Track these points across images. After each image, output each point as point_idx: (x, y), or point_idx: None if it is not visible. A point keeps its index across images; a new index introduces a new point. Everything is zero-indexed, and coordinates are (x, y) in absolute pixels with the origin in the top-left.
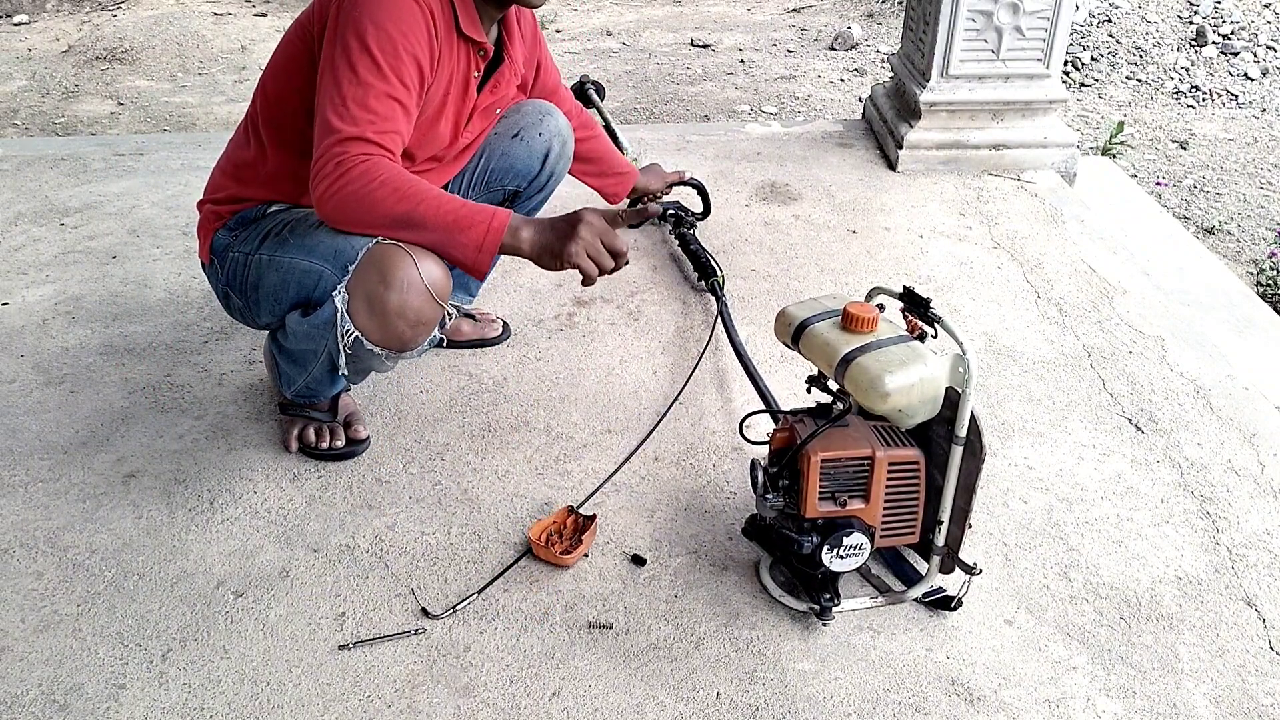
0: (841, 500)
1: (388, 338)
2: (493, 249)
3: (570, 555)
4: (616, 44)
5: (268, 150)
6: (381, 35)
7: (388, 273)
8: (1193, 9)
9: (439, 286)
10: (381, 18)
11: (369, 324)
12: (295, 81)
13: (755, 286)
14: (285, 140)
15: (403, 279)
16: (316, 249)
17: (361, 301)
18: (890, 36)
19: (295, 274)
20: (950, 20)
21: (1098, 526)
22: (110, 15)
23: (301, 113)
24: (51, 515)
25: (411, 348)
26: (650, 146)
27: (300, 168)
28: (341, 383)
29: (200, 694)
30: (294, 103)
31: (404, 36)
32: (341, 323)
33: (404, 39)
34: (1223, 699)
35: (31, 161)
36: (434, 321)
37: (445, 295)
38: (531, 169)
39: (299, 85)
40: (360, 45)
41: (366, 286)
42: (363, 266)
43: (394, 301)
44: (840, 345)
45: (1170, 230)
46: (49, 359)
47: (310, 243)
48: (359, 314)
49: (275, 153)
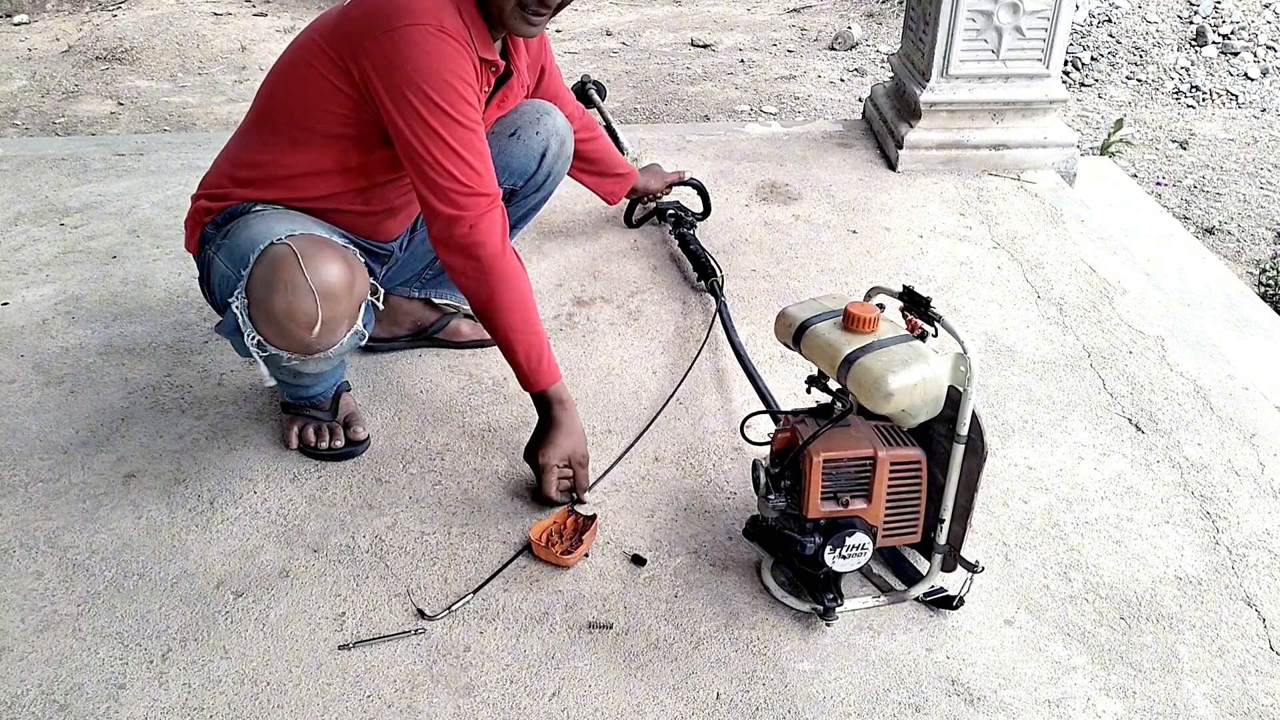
0: (844, 500)
1: (288, 342)
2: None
3: (571, 555)
4: (616, 44)
5: (274, 151)
6: (450, 91)
7: (271, 276)
8: (1193, 9)
9: (332, 284)
10: (444, 75)
11: (267, 329)
12: (317, 99)
13: (755, 286)
14: (296, 141)
15: (286, 281)
16: (235, 251)
17: (255, 306)
18: (890, 36)
19: (218, 276)
20: (950, 20)
21: (1098, 526)
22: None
23: (319, 122)
24: (51, 515)
25: (318, 349)
26: (650, 146)
27: (306, 167)
28: (332, 382)
29: (200, 694)
30: (313, 115)
31: (462, 81)
32: (245, 328)
33: (465, 84)
34: (1223, 699)
35: (31, 161)
36: (335, 321)
37: (345, 291)
38: (528, 168)
39: (320, 101)
40: (439, 109)
41: (255, 291)
42: (253, 270)
43: (280, 305)
44: (842, 346)
45: (1170, 230)
46: (49, 359)
47: (233, 244)
48: (258, 319)
49: (286, 153)
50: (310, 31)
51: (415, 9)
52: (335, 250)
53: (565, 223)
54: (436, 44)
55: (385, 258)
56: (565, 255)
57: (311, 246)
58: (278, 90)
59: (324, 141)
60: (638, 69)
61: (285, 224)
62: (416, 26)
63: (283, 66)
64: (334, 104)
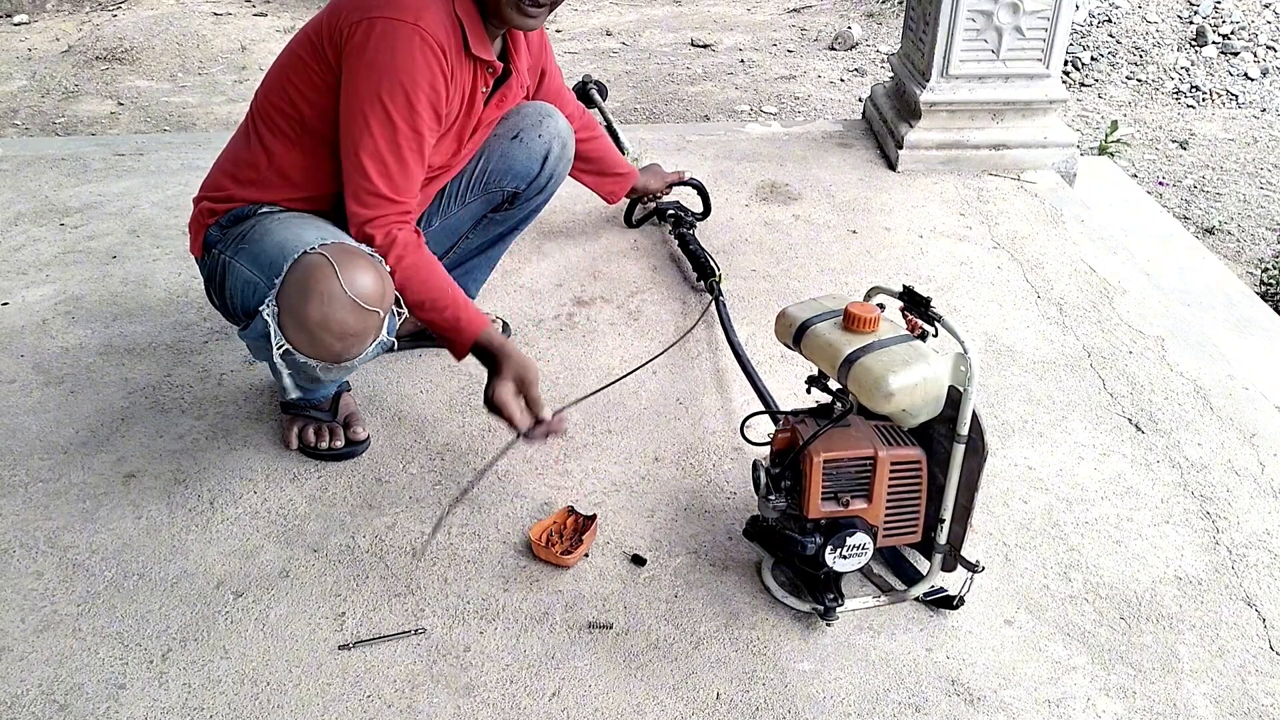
0: (844, 500)
1: (318, 351)
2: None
3: (571, 555)
4: (616, 44)
5: (273, 149)
6: (398, 93)
7: (308, 285)
8: (1193, 9)
9: (367, 295)
10: (399, 75)
11: (297, 337)
12: (303, 89)
13: (755, 286)
14: (292, 138)
15: (323, 291)
16: (260, 257)
17: (287, 315)
18: (890, 36)
19: (241, 282)
20: (950, 20)
21: (1098, 526)
22: (110, 15)
23: (308, 115)
24: (51, 515)
25: (347, 359)
26: (650, 146)
27: (306, 163)
28: (333, 385)
29: (200, 694)
30: (302, 108)
31: (418, 87)
32: (275, 337)
33: (419, 89)
34: (1223, 699)
35: (31, 161)
36: (366, 332)
37: (377, 303)
38: (530, 170)
39: (306, 92)
40: (381, 108)
41: (290, 300)
42: (286, 279)
43: (315, 315)
44: (843, 346)
45: (1170, 230)
46: (49, 359)
47: (257, 250)
48: (288, 327)
49: (285, 151)
50: (305, 28)
51: (399, 1)
52: (367, 260)
53: (565, 223)
54: (405, 45)
55: None
56: (565, 255)
57: (345, 256)
58: (274, 89)
59: (321, 139)
60: (638, 69)
61: (312, 230)
62: (393, 21)
63: (279, 65)
64: (326, 100)
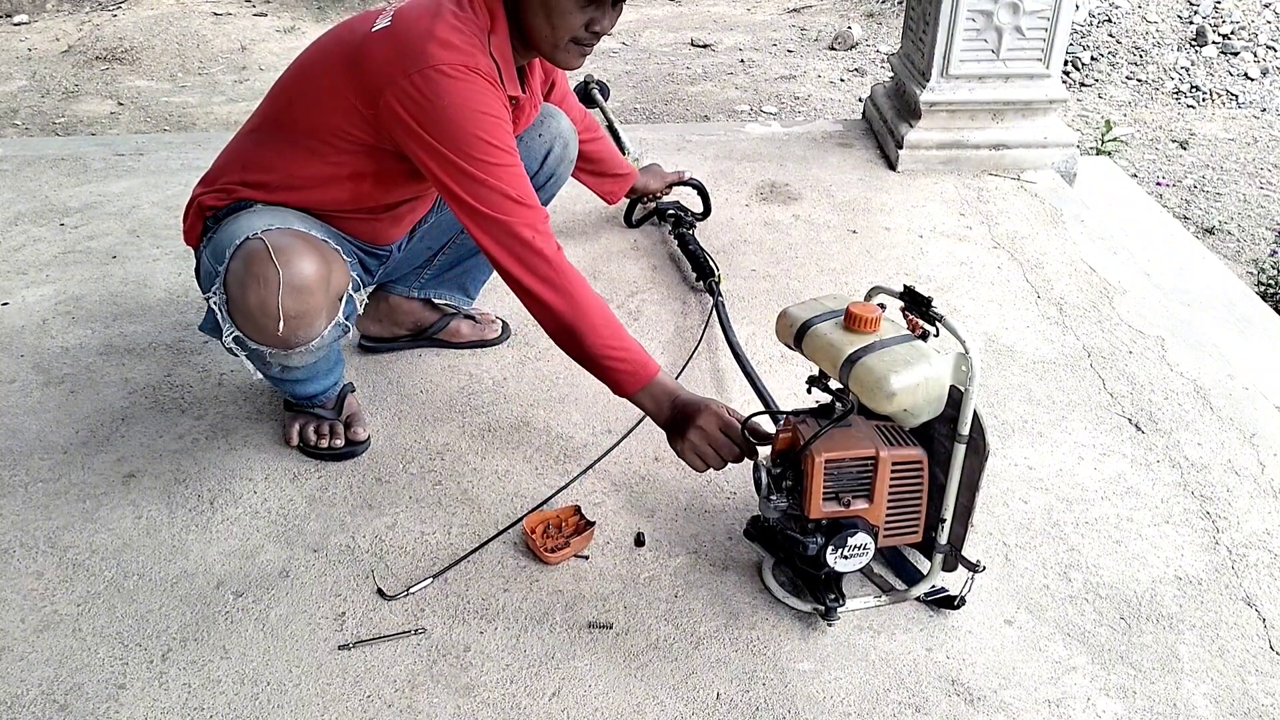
0: (845, 500)
1: (263, 336)
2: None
3: (555, 554)
4: (616, 44)
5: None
6: (475, 141)
7: (245, 271)
8: (1193, 9)
9: (304, 280)
10: (471, 120)
11: (243, 323)
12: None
13: (755, 286)
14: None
15: (259, 275)
16: (216, 247)
17: (232, 302)
18: (890, 36)
19: (204, 274)
20: (950, 20)
21: (1098, 526)
22: (110, 15)
23: (342, 134)
24: (51, 515)
25: (297, 344)
26: (650, 146)
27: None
28: (332, 381)
29: (200, 694)
30: (332, 125)
31: (492, 120)
32: (224, 324)
33: (493, 124)
34: (1223, 699)
35: (31, 161)
36: (307, 315)
37: (318, 288)
38: (530, 169)
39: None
40: (470, 156)
41: (230, 287)
42: (229, 266)
43: (254, 300)
44: (844, 346)
45: (1170, 230)
46: (49, 359)
47: (216, 240)
48: (234, 314)
49: (304, 163)
50: (333, 45)
51: (447, 47)
52: (310, 244)
53: (565, 223)
54: (465, 87)
55: (383, 258)
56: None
57: (285, 240)
58: (296, 99)
59: (341, 156)
60: (638, 69)
61: (266, 219)
62: (446, 71)
63: (302, 77)
64: (354, 126)
